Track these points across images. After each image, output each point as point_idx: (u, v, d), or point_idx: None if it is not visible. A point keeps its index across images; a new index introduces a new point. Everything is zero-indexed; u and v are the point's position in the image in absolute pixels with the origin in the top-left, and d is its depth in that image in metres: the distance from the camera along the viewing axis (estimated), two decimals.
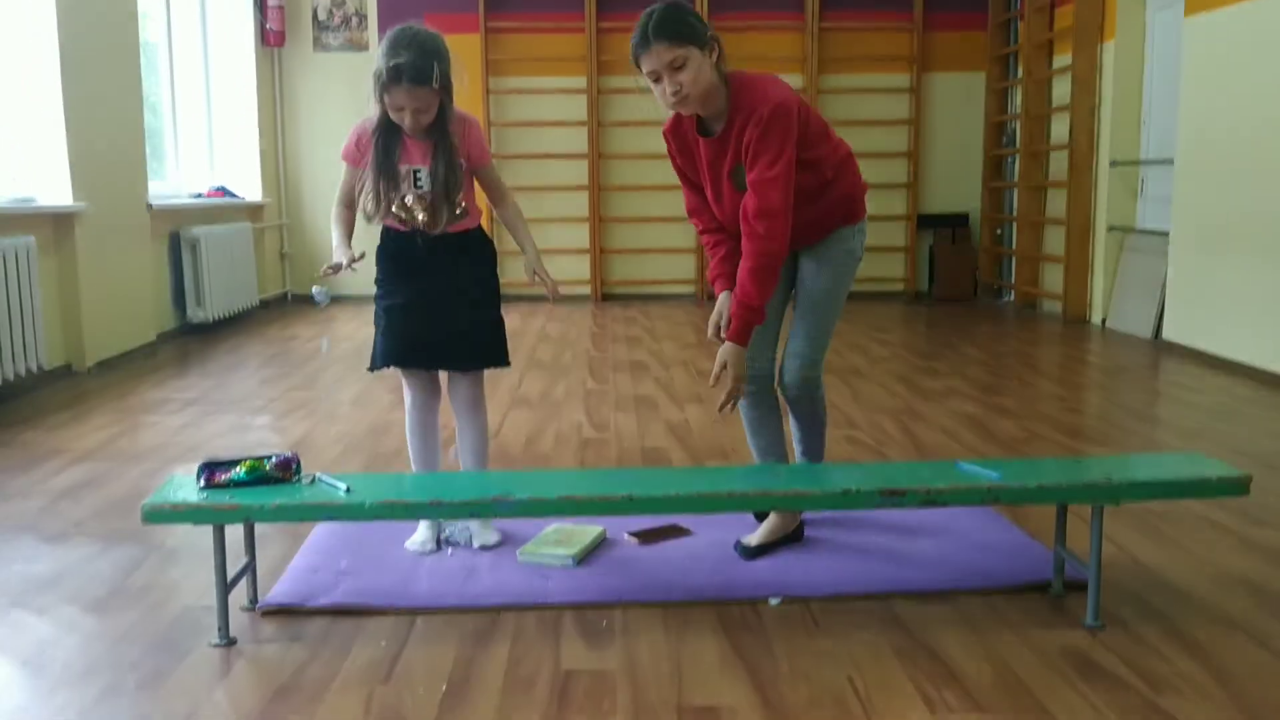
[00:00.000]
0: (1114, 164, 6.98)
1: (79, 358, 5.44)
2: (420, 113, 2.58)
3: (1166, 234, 6.24)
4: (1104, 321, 7.07)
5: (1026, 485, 2.31)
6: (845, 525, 2.94)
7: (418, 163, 2.66)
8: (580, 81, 8.56)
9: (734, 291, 2.55)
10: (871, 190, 2.92)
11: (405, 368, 2.80)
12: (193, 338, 6.72)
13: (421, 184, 2.67)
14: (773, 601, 2.47)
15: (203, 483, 2.32)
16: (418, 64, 2.51)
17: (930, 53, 8.68)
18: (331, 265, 2.62)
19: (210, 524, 2.24)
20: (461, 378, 2.84)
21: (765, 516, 2.80)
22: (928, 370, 5.54)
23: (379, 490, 2.31)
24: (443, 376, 2.90)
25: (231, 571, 2.33)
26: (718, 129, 2.58)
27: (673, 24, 2.46)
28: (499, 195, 2.86)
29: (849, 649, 2.25)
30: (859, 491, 2.28)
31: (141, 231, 6.18)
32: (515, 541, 2.81)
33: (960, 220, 8.87)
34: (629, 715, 1.99)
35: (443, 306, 2.74)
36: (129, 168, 6.05)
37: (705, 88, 2.49)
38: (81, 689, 2.09)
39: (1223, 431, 4.21)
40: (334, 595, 2.47)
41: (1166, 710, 1.99)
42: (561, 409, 4.64)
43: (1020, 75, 8.11)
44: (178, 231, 6.76)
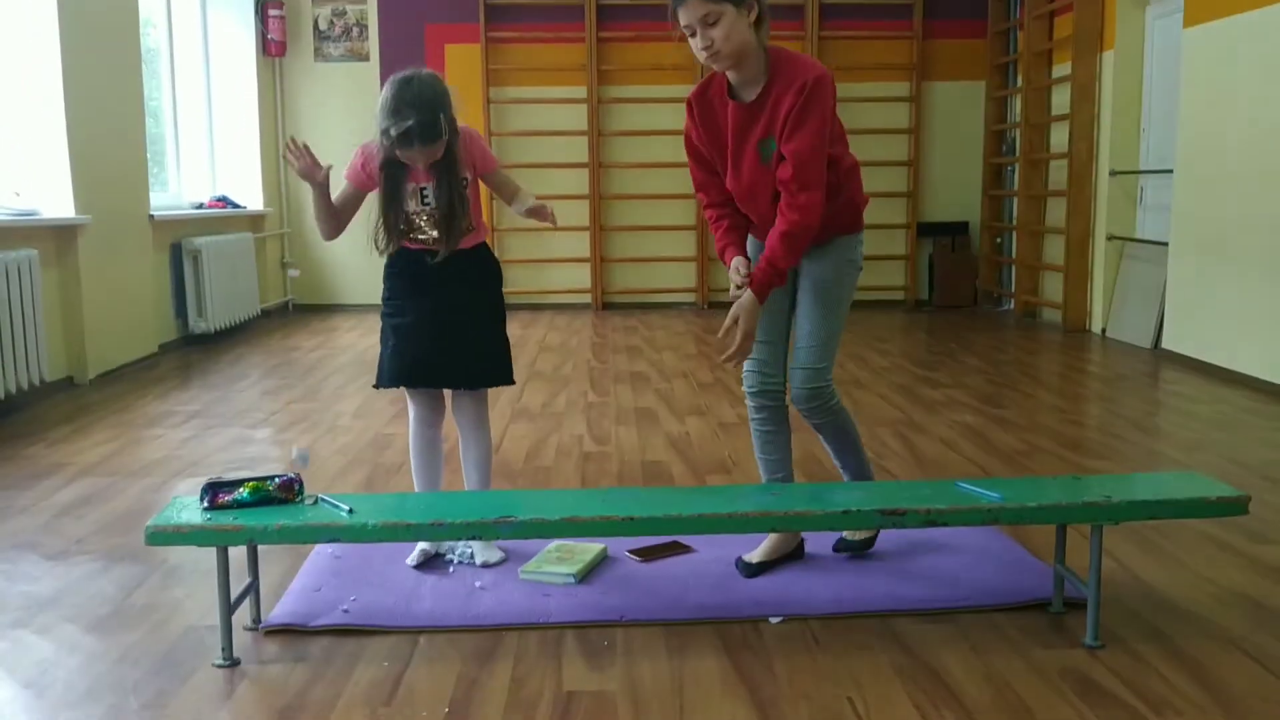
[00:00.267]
0: (1113, 173, 7.00)
1: (81, 370, 5.45)
2: (431, 156, 2.63)
3: (1166, 244, 6.25)
4: (1104, 330, 7.08)
5: (1026, 505, 2.31)
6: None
7: (424, 180, 2.69)
8: (580, 91, 8.58)
9: (763, 253, 2.54)
10: (872, 199, 2.94)
11: (413, 388, 2.82)
12: (194, 348, 6.73)
13: (429, 200, 2.69)
14: (773, 620, 2.48)
15: (206, 504, 2.32)
16: (425, 122, 2.54)
17: (930, 61, 8.70)
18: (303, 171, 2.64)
19: (214, 546, 2.24)
20: (466, 394, 2.86)
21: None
22: (928, 380, 5.55)
23: (381, 511, 2.32)
24: (446, 392, 2.91)
25: (234, 591, 2.34)
26: (751, 95, 2.57)
27: None
28: (511, 192, 2.83)
29: (849, 668, 2.26)
30: (859, 512, 2.29)
31: (143, 242, 6.19)
32: (517, 558, 2.82)
33: (960, 229, 8.88)
34: None
35: (450, 325, 2.76)
36: (131, 179, 6.07)
37: (737, 45, 2.49)
38: (84, 711, 2.10)
39: (1222, 443, 4.22)
40: (336, 615, 2.48)
41: None
42: (562, 421, 4.65)
43: (1020, 84, 8.13)
44: (179, 242, 6.78)
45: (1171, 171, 6.21)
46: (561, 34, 8.55)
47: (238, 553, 2.42)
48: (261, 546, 2.57)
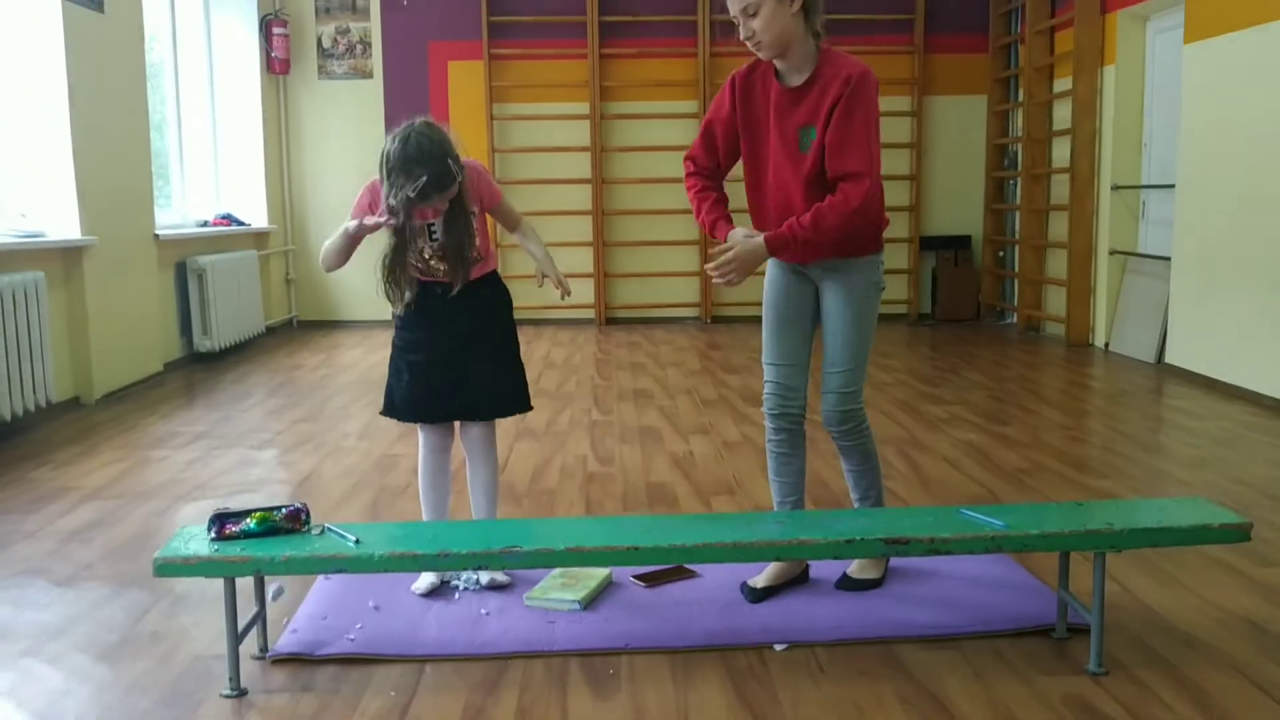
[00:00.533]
0: (1115, 188, 7.01)
1: (87, 390, 5.48)
2: (446, 199, 2.66)
3: (1168, 258, 6.26)
4: (1106, 345, 7.09)
5: (1029, 533, 2.33)
6: (849, 565, 2.95)
7: (431, 217, 2.72)
8: (583, 107, 8.62)
9: (793, 217, 2.55)
10: None
11: (432, 422, 2.86)
12: (199, 367, 6.75)
13: (437, 235, 2.73)
14: (778, 647, 2.49)
15: (214, 534, 2.34)
16: (438, 172, 2.58)
17: (932, 76, 8.73)
18: (364, 224, 2.65)
19: (222, 577, 2.26)
20: (476, 422, 2.89)
21: None
22: (931, 396, 5.56)
23: (387, 541, 2.33)
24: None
25: (241, 620, 2.35)
26: (797, 81, 2.60)
27: None
28: (514, 223, 2.94)
29: (853, 696, 2.27)
30: (862, 541, 2.30)
31: (149, 262, 6.22)
32: (523, 582, 2.83)
33: (963, 242, 8.90)
34: None
35: (464, 359, 2.81)
36: (137, 200, 6.10)
37: (777, 35, 2.53)
38: None
39: (1226, 460, 4.22)
40: (343, 644, 2.49)
41: None
42: (566, 440, 4.66)
43: (1021, 98, 8.15)
44: (184, 261, 6.81)
45: (1173, 186, 6.23)
46: (564, 50, 8.59)
47: (245, 580, 2.43)
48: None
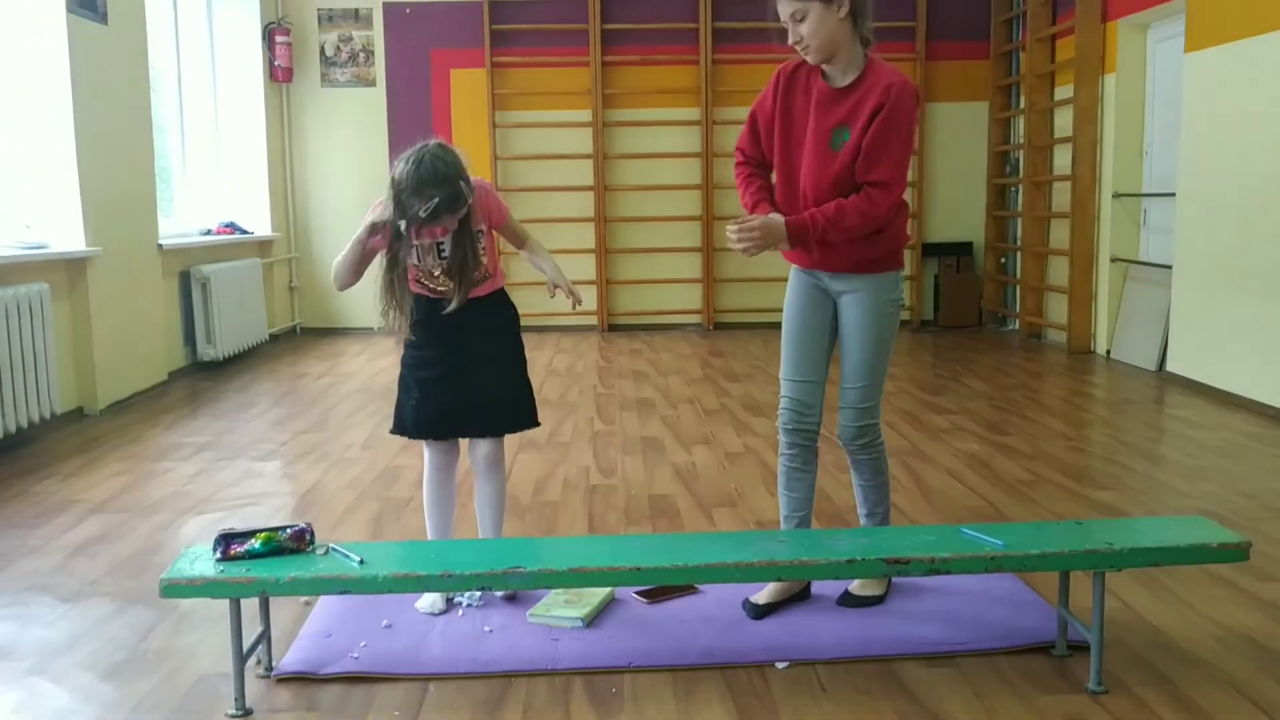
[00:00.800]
0: (1116, 195, 7.02)
1: (91, 400, 5.50)
2: (457, 218, 2.69)
3: (1169, 266, 6.27)
4: (1108, 352, 7.10)
5: (1029, 554, 2.34)
6: (851, 582, 2.96)
7: (440, 234, 2.74)
8: (585, 115, 8.64)
9: (822, 209, 2.60)
10: None
11: (440, 439, 2.88)
12: (203, 375, 6.77)
13: (445, 253, 2.76)
14: (780, 665, 2.50)
15: (219, 554, 2.36)
16: (451, 194, 2.61)
17: (933, 82, 8.74)
18: (374, 224, 2.68)
19: (227, 598, 2.28)
20: (484, 439, 2.91)
21: None
22: (933, 406, 5.58)
23: (391, 562, 2.35)
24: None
25: (246, 639, 2.37)
26: (842, 82, 2.65)
27: None
28: (521, 240, 2.99)
29: (854, 714, 2.28)
30: (864, 561, 2.32)
31: (153, 272, 6.25)
32: (526, 597, 2.85)
33: (964, 249, 8.91)
34: None
35: (472, 376, 2.83)
36: (141, 210, 6.13)
37: (824, 40, 2.59)
38: None
39: (1226, 471, 4.23)
40: (347, 662, 2.50)
41: None
42: (569, 451, 4.68)
43: (1023, 105, 8.16)
44: (188, 270, 6.83)
45: (1174, 195, 6.24)
46: (566, 58, 8.61)
47: (250, 599, 2.45)
48: None
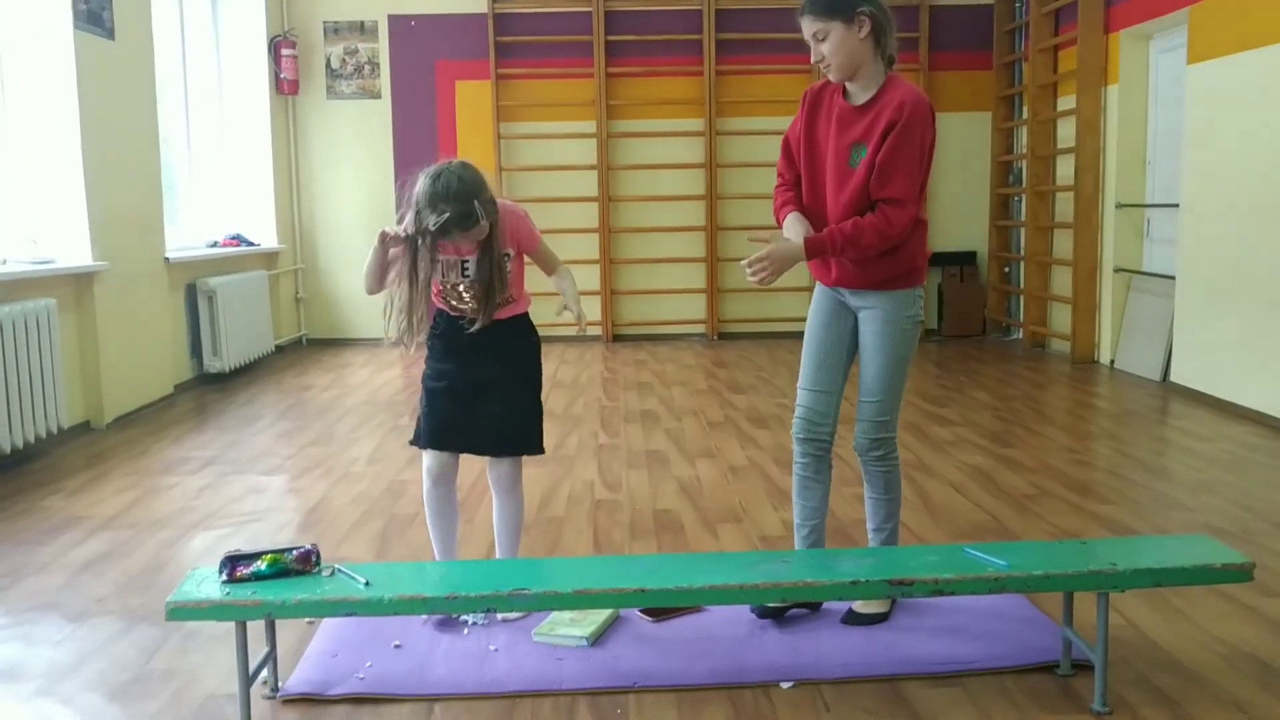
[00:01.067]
0: (1119, 206, 7.03)
1: (97, 414, 5.52)
2: (474, 238, 2.72)
3: (1173, 277, 6.28)
4: (1112, 362, 7.10)
5: (1032, 574, 2.35)
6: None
7: (466, 253, 2.78)
8: (590, 126, 8.66)
9: (839, 227, 2.65)
10: None
11: (443, 451, 2.90)
12: (210, 388, 6.79)
13: (469, 272, 2.79)
14: (784, 685, 2.51)
15: (225, 576, 2.37)
16: (461, 212, 2.63)
17: (936, 92, 8.74)
18: (387, 233, 2.72)
19: (233, 620, 2.29)
20: (501, 458, 2.93)
21: None
22: (937, 417, 5.58)
23: (397, 584, 2.36)
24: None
25: (252, 659, 2.38)
26: (860, 100, 2.70)
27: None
28: (551, 267, 3.03)
29: None
30: (868, 582, 2.33)
31: (159, 285, 6.27)
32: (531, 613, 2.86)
33: (968, 258, 8.92)
34: None
35: (480, 394, 2.85)
36: (148, 224, 6.16)
37: (845, 59, 2.64)
38: None
39: (1231, 485, 4.23)
40: (352, 683, 2.51)
41: None
42: (574, 465, 4.69)
43: (1026, 116, 8.17)
44: (194, 283, 6.85)
45: (1177, 205, 6.25)
46: (571, 70, 8.64)
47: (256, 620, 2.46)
48: None
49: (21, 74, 5.27)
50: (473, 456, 2.96)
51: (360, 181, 8.61)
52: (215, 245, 7.51)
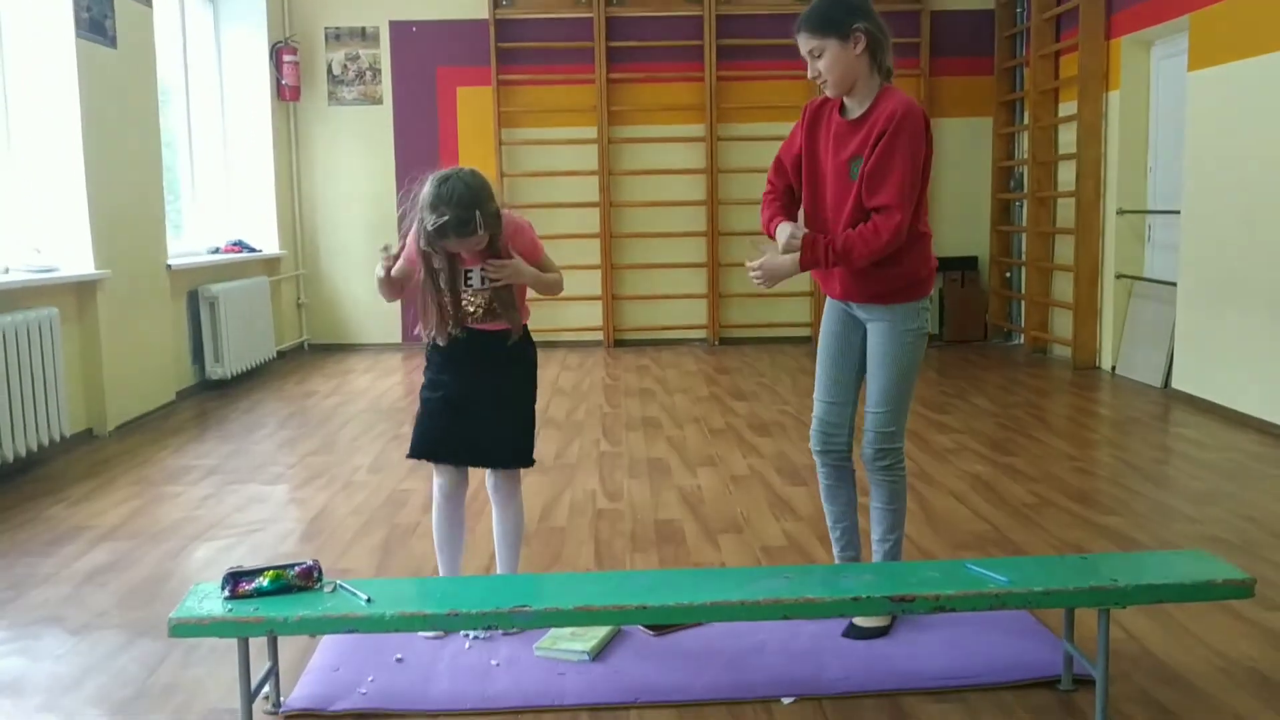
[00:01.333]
0: (1120, 212, 7.03)
1: (100, 422, 5.53)
2: (473, 246, 2.75)
3: (1174, 283, 6.28)
4: (1114, 368, 7.10)
5: (1034, 590, 2.35)
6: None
7: (470, 264, 2.80)
8: (591, 131, 8.67)
9: (830, 240, 2.67)
10: None
11: (436, 462, 2.91)
12: (211, 394, 6.80)
13: (473, 282, 2.81)
14: (785, 700, 2.51)
15: (227, 593, 2.37)
16: (460, 218, 2.65)
17: (938, 98, 8.76)
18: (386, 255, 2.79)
19: (235, 637, 2.29)
20: (499, 471, 2.95)
21: None
22: (938, 425, 5.58)
23: (398, 600, 2.36)
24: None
25: (255, 675, 2.39)
26: (855, 115, 2.72)
27: (815, 17, 2.67)
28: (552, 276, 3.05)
29: None
30: (869, 599, 2.33)
31: (161, 293, 6.28)
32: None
33: (969, 263, 8.92)
34: None
35: (473, 405, 2.86)
36: (150, 232, 6.17)
37: (841, 75, 2.67)
38: None
39: (1233, 494, 4.23)
40: (355, 698, 2.52)
41: None
42: (575, 474, 4.69)
43: (1027, 121, 8.17)
44: (196, 290, 6.86)
45: (1179, 212, 6.25)
46: (572, 75, 8.65)
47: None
48: None
49: (24, 83, 5.28)
50: (477, 470, 2.97)
51: (362, 187, 8.62)
52: (217, 251, 7.52)
